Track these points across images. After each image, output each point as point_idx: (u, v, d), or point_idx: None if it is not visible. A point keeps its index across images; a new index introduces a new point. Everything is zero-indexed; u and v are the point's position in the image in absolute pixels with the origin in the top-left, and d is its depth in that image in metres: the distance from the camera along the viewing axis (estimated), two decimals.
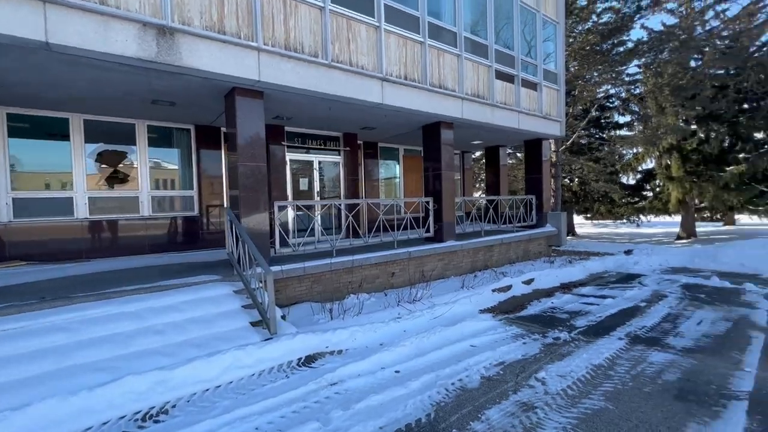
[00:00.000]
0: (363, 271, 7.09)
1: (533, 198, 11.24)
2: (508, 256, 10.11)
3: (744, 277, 8.05)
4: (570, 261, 9.84)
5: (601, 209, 24.98)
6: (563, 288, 7.70)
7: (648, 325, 5.21)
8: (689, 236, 23.29)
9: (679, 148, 21.11)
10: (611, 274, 8.96)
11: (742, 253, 9.04)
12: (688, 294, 6.80)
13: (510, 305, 6.56)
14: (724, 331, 4.85)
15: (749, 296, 6.55)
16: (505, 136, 10.83)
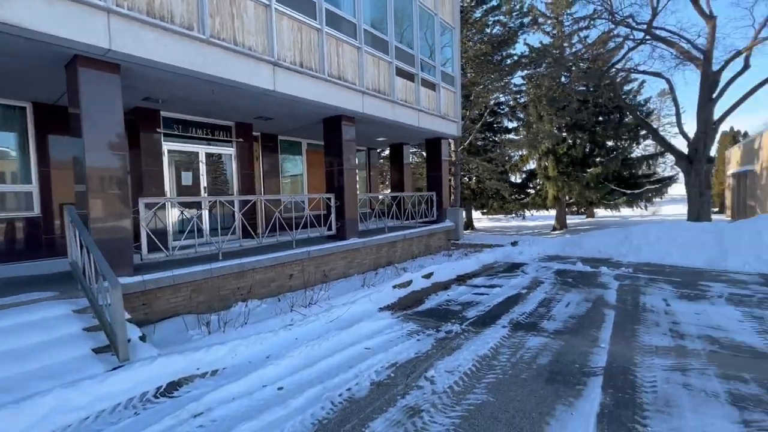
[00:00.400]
0: (256, 275, 6.42)
1: (434, 195, 11.67)
2: (411, 251, 10.31)
3: (600, 262, 9.43)
4: (466, 254, 10.45)
5: (494, 205, 27.55)
6: (459, 280, 8.06)
7: (527, 311, 5.64)
8: (562, 227, 27.12)
9: (554, 152, 24.33)
10: (500, 264, 9.73)
11: (599, 241, 10.65)
12: (559, 279, 7.66)
13: (409, 301, 6.57)
14: (585, 312, 5.49)
15: (604, 278, 7.64)
16: (407, 134, 11.02)
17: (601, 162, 23.51)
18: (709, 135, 11.69)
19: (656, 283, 7.14)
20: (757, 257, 8.29)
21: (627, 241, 10.21)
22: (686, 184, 12.19)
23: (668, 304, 5.71)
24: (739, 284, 6.88)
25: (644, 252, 9.72)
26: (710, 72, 11.62)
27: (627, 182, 24.31)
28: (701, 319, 5.00)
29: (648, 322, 4.96)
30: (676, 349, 4.08)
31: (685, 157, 12.15)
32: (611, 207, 24.70)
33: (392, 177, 12.97)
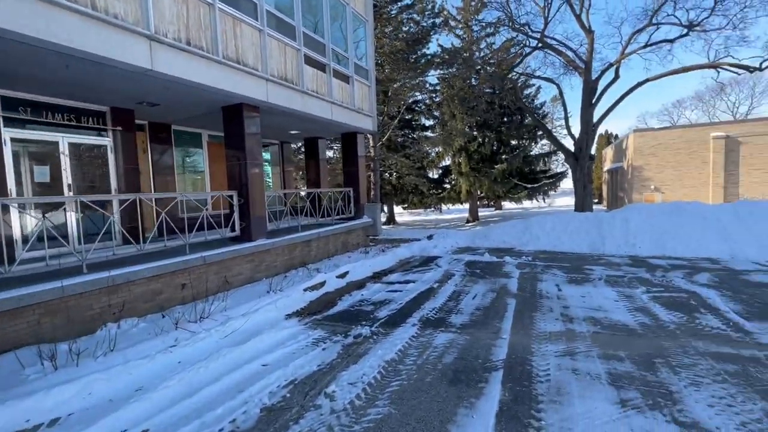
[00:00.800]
0: (135, 289, 5.40)
1: (351, 191, 11.36)
2: (327, 250, 9.87)
3: (505, 251, 10.08)
4: (383, 250, 10.35)
5: (414, 200, 28.36)
6: (375, 277, 7.88)
7: (437, 305, 5.63)
8: (474, 219, 29.04)
9: (466, 149, 25.82)
10: (416, 258, 9.82)
11: (504, 232, 11.42)
12: (469, 271, 7.93)
13: (321, 304, 6.16)
14: (490, 302, 5.66)
15: (507, 267, 8.11)
16: (321, 127, 10.49)
17: (506, 159, 25.60)
18: (590, 135, 13.33)
19: (551, 269, 7.77)
20: (626, 241, 9.59)
21: (527, 231, 11.09)
22: (573, 179, 13.76)
23: (560, 289, 6.19)
24: (614, 266, 7.82)
25: (542, 240, 10.65)
26: (590, 80, 13.27)
27: (527, 177, 26.87)
28: (586, 302, 5.47)
29: (543, 309, 5.26)
30: (567, 334, 4.33)
31: (572, 155, 13.69)
32: (515, 200, 27.10)
33: (308, 172, 12.33)
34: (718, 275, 6.78)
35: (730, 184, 23.76)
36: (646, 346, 3.92)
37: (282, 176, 12.67)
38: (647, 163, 25.80)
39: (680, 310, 4.95)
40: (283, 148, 12.60)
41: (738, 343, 3.90)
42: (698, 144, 24.47)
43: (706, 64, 12.64)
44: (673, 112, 48.40)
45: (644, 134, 26.15)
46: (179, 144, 9.60)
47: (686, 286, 6.13)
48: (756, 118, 25.59)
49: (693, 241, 8.97)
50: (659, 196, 25.67)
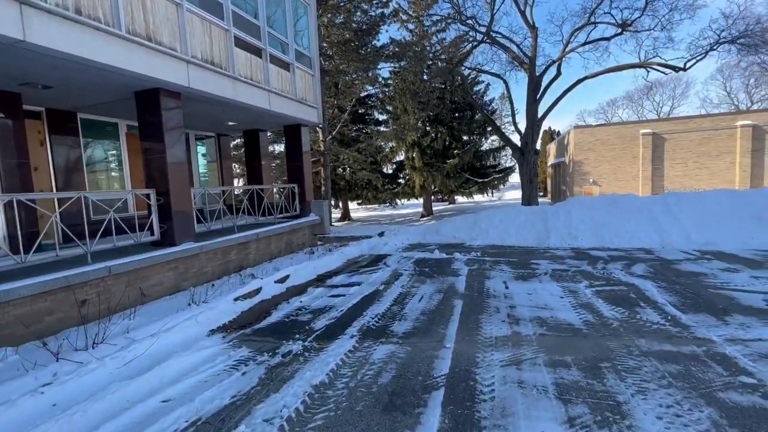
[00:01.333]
0: (12, 311, 4.38)
1: (295, 186, 10.60)
2: (269, 252, 9.09)
3: (455, 247, 9.90)
4: (330, 249, 9.75)
5: (368, 195, 27.88)
6: (318, 281, 7.28)
7: (381, 311, 5.18)
8: (429, 214, 29.19)
9: (419, 144, 25.73)
10: (365, 257, 9.33)
11: (454, 226, 11.28)
12: (417, 269, 7.58)
13: (252, 315, 5.47)
14: (436, 305, 5.31)
15: (456, 264, 7.87)
16: (259, 118, 9.61)
17: (458, 154, 25.89)
18: (535, 130, 13.61)
19: (499, 265, 7.64)
20: (569, 233, 9.79)
21: (477, 226, 11.02)
22: (520, 173, 14.02)
23: (507, 287, 6.00)
24: (558, 260, 7.85)
25: (490, 234, 10.61)
26: (534, 76, 13.52)
27: (478, 172, 27.42)
28: (533, 300, 5.29)
29: (490, 309, 4.99)
30: (513, 338, 4.06)
31: (519, 150, 13.93)
32: (467, 194, 27.58)
33: (248, 167, 11.35)
34: (652, 266, 6.98)
35: (657, 177, 25.81)
36: (591, 348, 3.73)
37: (220, 172, 11.58)
38: (586, 158, 27.31)
39: (622, 305, 4.90)
40: (220, 142, 11.49)
41: (678, 339, 3.82)
42: (630, 140, 26.30)
43: (637, 64, 13.38)
44: (607, 111, 52.16)
45: (583, 131, 27.64)
46: (90, 135, 8.28)
47: (625, 278, 6.20)
48: (677, 117, 28.00)
49: (628, 233, 9.32)
50: (597, 189, 27.33)
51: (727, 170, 24.60)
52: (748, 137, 23.66)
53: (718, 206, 9.59)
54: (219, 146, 11.48)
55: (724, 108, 41.51)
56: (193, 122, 9.54)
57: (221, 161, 11.55)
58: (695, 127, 25.00)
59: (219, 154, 11.50)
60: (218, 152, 11.49)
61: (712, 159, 24.90)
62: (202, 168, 11.37)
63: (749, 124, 23.62)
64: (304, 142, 10.75)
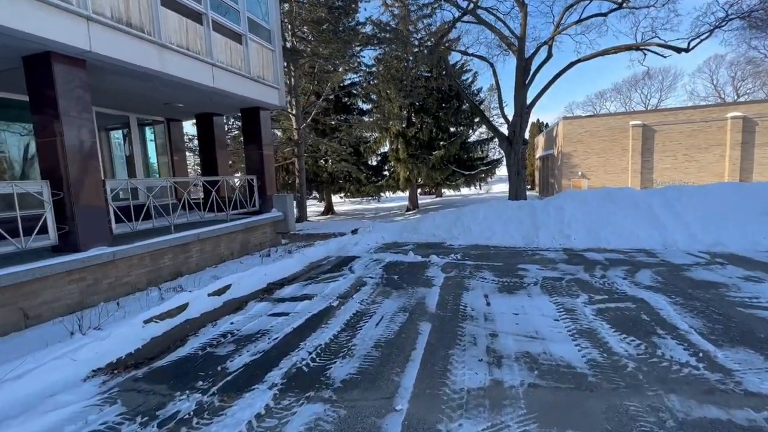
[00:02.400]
0: None
1: (254, 178, 9.23)
2: (218, 254, 7.75)
3: (433, 247, 8.70)
4: (290, 251, 8.43)
5: (351, 189, 26.53)
6: (265, 292, 6.00)
7: (324, 341, 3.94)
8: (414, 207, 27.99)
9: (404, 135, 24.38)
10: (331, 259, 8.07)
11: (434, 223, 10.08)
12: (386, 277, 6.35)
13: (163, 343, 4.19)
14: (397, 332, 4.08)
15: (431, 270, 6.66)
16: (207, 99, 8.17)
17: (444, 145, 24.64)
18: (523, 118, 12.45)
19: (481, 271, 6.45)
20: (560, 231, 8.67)
21: (459, 222, 9.83)
22: (507, 165, 12.88)
23: (489, 303, 4.80)
24: (549, 264, 6.71)
25: (474, 232, 9.44)
26: (523, 59, 12.33)
27: (465, 164, 26.26)
28: (520, 324, 4.11)
29: (465, 340, 3.79)
30: (491, 393, 2.85)
31: (506, 139, 12.77)
32: (453, 187, 26.45)
33: (202, 157, 9.92)
34: (659, 273, 5.88)
35: (646, 170, 25.03)
36: (603, 412, 2.55)
37: (170, 162, 10.11)
38: (575, 150, 26.40)
39: (634, 333, 3.75)
40: (170, 128, 10.00)
41: (723, 396, 2.67)
42: (619, 132, 25.41)
43: (634, 45, 12.28)
44: (596, 103, 51.42)
45: (572, 122, 26.67)
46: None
47: (631, 290, 5.07)
48: (667, 108, 27.18)
49: (626, 231, 8.24)
50: (585, 182, 26.49)
51: (717, 163, 23.92)
52: (739, 129, 22.96)
53: (723, 201, 8.56)
54: (169, 133, 9.99)
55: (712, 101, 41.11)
56: (124, 101, 8.06)
57: (171, 149, 10.07)
58: (685, 118, 24.21)
59: (169, 142, 10.02)
60: (168, 140, 10.01)
61: (701, 152, 24.18)
62: (152, 158, 9.91)
63: (740, 116, 22.90)
64: (264, 127, 9.35)
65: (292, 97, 15.32)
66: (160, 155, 9.96)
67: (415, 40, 21.78)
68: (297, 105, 15.13)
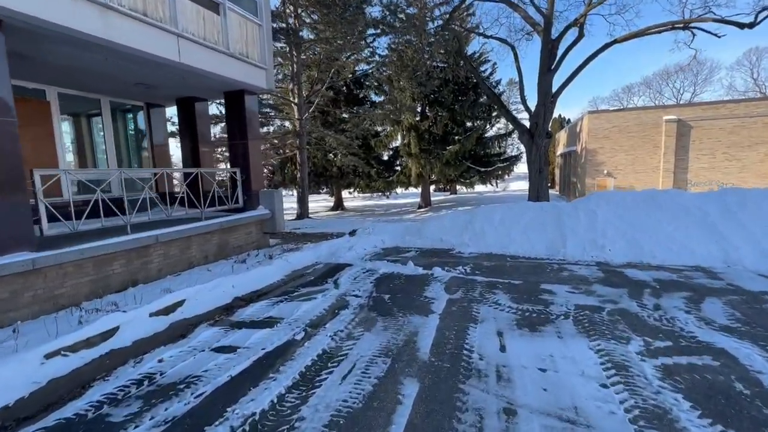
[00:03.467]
0: None
1: (237, 172, 8.09)
2: (187, 258, 6.65)
3: (438, 255, 7.39)
4: (272, 256, 7.26)
5: (360, 184, 25.33)
6: (224, 311, 4.84)
7: (262, 407, 2.70)
8: (427, 205, 26.57)
9: (416, 128, 22.94)
10: (317, 267, 6.86)
11: (442, 226, 8.73)
12: (374, 296, 5.08)
13: (64, 387, 3.10)
14: (368, 396, 2.79)
15: (432, 288, 5.34)
16: (177, 78, 7.03)
17: (459, 140, 23.09)
18: (547, 108, 10.90)
19: (494, 292, 5.10)
20: (592, 241, 7.19)
21: (471, 226, 8.45)
22: (528, 161, 11.38)
23: (504, 348, 3.46)
24: (582, 285, 5.29)
25: (488, 237, 8.06)
26: (550, 41, 10.76)
27: (481, 160, 24.64)
28: (549, 389, 2.77)
29: (466, 422, 2.50)
30: None
31: (527, 132, 11.24)
32: (468, 184, 24.89)
33: (183, 148, 8.87)
34: (733, 304, 4.40)
35: (680, 169, 22.84)
36: None
37: (151, 152, 9.07)
38: (601, 147, 24.40)
39: (732, 421, 2.37)
40: (150, 114, 8.94)
41: None
42: (651, 127, 23.27)
43: (681, 22, 10.48)
44: (623, 98, 48.42)
45: (599, 116, 24.63)
46: None
47: (703, 333, 3.64)
48: (706, 102, 24.76)
49: (676, 243, 6.70)
50: (611, 182, 24.48)
51: (762, 163, 21.56)
52: None
53: None
54: (149, 119, 8.94)
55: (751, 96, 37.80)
56: (91, 82, 7.01)
57: (152, 138, 9.03)
58: (727, 113, 21.87)
59: (150, 130, 8.98)
60: (149, 127, 8.97)
61: (743, 150, 21.83)
62: (130, 146, 8.89)
63: None
64: (249, 114, 8.18)
65: (294, 85, 14.15)
66: (140, 144, 8.93)
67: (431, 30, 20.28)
68: (299, 93, 13.95)
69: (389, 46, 21.96)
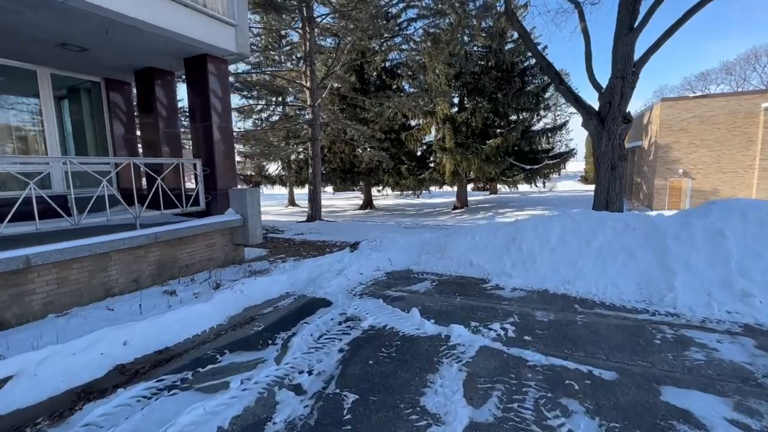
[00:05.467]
0: None
1: (198, 163, 6.03)
2: (103, 284, 4.64)
3: (464, 291, 4.84)
4: (219, 284, 5.03)
5: (389, 181, 22.96)
6: (71, 403, 2.70)
7: None
8: (463, 206, 23.61)
9: (451, 120, 20.08)
10: (282, 305, 4.59)
11: (472, 244, 6.10)
12: (332, 392, 2.67)
13: None
14: None
15: (443, 379, 2.82)
16: (101, 33, 5.02)
17: (501, 133, 19.94)
18: (627, 81, 7.79)
19: (567, 408, 2.50)
20: (724, 283, 4.26)
21: (515, 246, 5.76)
22: (595, 154, 8.35)
23: None
24: (755, 395, 2.54)
25: (540, 265, 5.35)
26: None
27: (526, 157, 21.26)
28: None
29: None
30: None
31: (596, 114, 8.21)
32: (510, 183, 21.61)
33: (143, 134, 6.99)
34: None
35: None
36: None
37: (111, 137, 7.25)
38: (676, 141, 20.10)
39: None
40: (109, 91, 7.14)
41: None
42: (745, 117, 18.65)
43: None
44: (696, 86, 41.61)
45: (674, 104, 20.27)
46: None
47: None
48: None
49: None
50: (688, 183, 20.12)
51: None
52: None
53: None
54: (108, 98, 7.14)
55: None
56: (25, 47, 5.24)
57: (112, 124, 7.22)
58: None
59: (108, 111, 7.17)
60: (108, 107, 7.16)
61: None
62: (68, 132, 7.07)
63: None
64: (214, 87, 6.06)
65: (306, 67, 12.02)
66: (96, 127, 7.14)
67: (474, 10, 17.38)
68: (312, 77, 11.80)
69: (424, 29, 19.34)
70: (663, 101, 20.43)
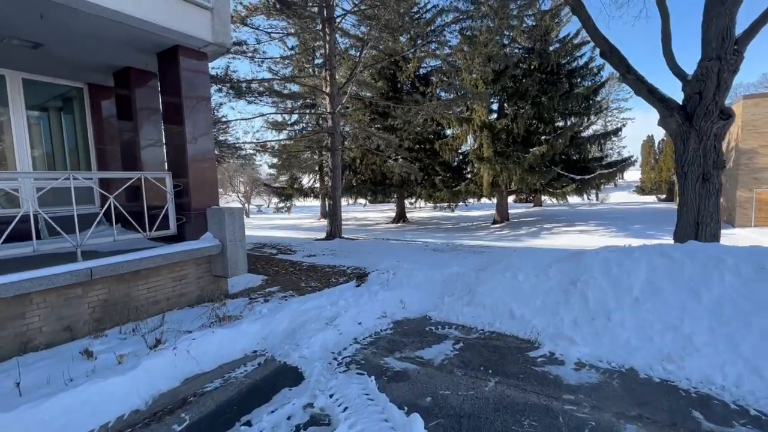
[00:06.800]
0: None
1: (167, 177, 4.91)
2: (23, 339, 3.55)
3: (503, 362, 3.17)
4: (159, 339, 3.73)
5: (422, 194, 21.34)
6: None
7: None
8: (503, 220, 21.36)
9: (490, 127, 18.24)
10: (235, 377, 3.21)
11: (515, 284, 4.37)
12: None
13: None
14: None
15: None
16: (37, 18, 4.06)
17: (546, 140, 17.69)
18: (725, 63, 5.66)
19: None
20: None
21: (576, 292, 3.96)
22: (679, 161, 6.23)
23: None
24: None
25: (618, 327, 3.52)
26: None
27: (576, 166, 18.74)
28: None
29: None
30: None
31: (680, 109, 6.13)
32: (557, 195, 19.12)
33: (122, 143, 6.07)
34: None
35: None
36: None
37: (95, 149, 6.43)
38: (764, 145, 16.70)
39: None
40: (93, 97, 6.34)
41: None
42: None
43: None
44: None
45: (761, 102, 16.93)
46: None
47: None
48: None
49: None
50: None
51: None
52: None
53: None
54: (92, 105, 6.33)
55: None
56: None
57: (95, 134, 6.39)
58: None
59: (92, 122, 6.37)
60: (92, 118, 6.36)
61: None
62: (71, 143, 6.34)
63: None
64: (187, 85, 4.95)
65: (326, 71, 10.94)
66: (78, 137, 6.35)
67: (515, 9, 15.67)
68: (332, 81, 10.69)
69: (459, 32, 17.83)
70: (745, 98, 17.14)
